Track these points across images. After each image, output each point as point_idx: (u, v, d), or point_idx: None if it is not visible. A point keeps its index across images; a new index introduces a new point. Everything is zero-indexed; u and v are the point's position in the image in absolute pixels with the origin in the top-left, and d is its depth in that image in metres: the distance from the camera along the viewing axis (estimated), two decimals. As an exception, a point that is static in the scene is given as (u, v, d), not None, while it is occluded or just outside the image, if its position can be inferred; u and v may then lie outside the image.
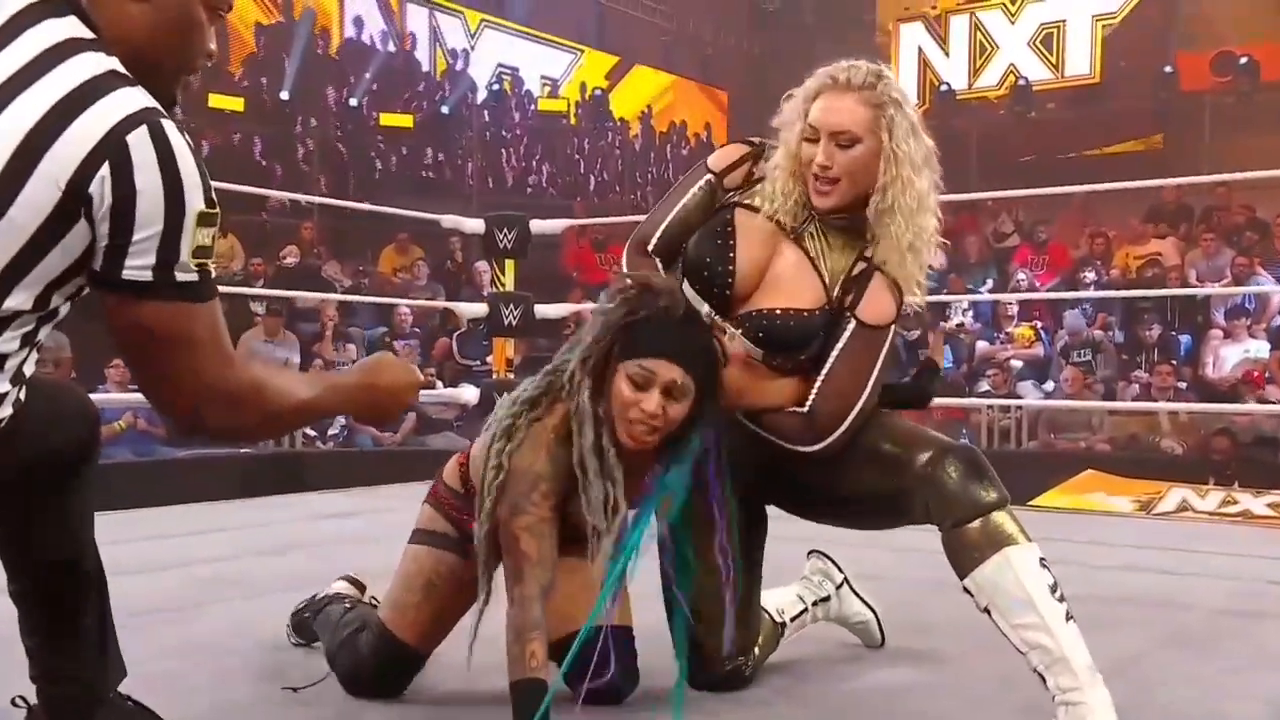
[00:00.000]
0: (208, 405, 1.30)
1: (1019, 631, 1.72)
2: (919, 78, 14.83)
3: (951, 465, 1.77)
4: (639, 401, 1.67)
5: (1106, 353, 8.28)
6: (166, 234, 1.23)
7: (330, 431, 7.41)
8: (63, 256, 1.23)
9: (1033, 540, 1.75)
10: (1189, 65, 12.53)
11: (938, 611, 2.47)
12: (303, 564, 3.17)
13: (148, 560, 3.13)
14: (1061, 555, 3.50)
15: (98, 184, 1.20)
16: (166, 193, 1.22)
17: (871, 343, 1.85)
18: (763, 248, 1.87)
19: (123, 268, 1.23)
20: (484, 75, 13.64)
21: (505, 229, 5.24)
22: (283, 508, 4.42)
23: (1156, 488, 5.65)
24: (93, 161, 1.20)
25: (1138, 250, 9.71)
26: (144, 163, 1.21)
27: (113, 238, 1.22)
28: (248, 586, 2.84)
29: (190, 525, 3.87)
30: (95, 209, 1.21)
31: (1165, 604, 2.83)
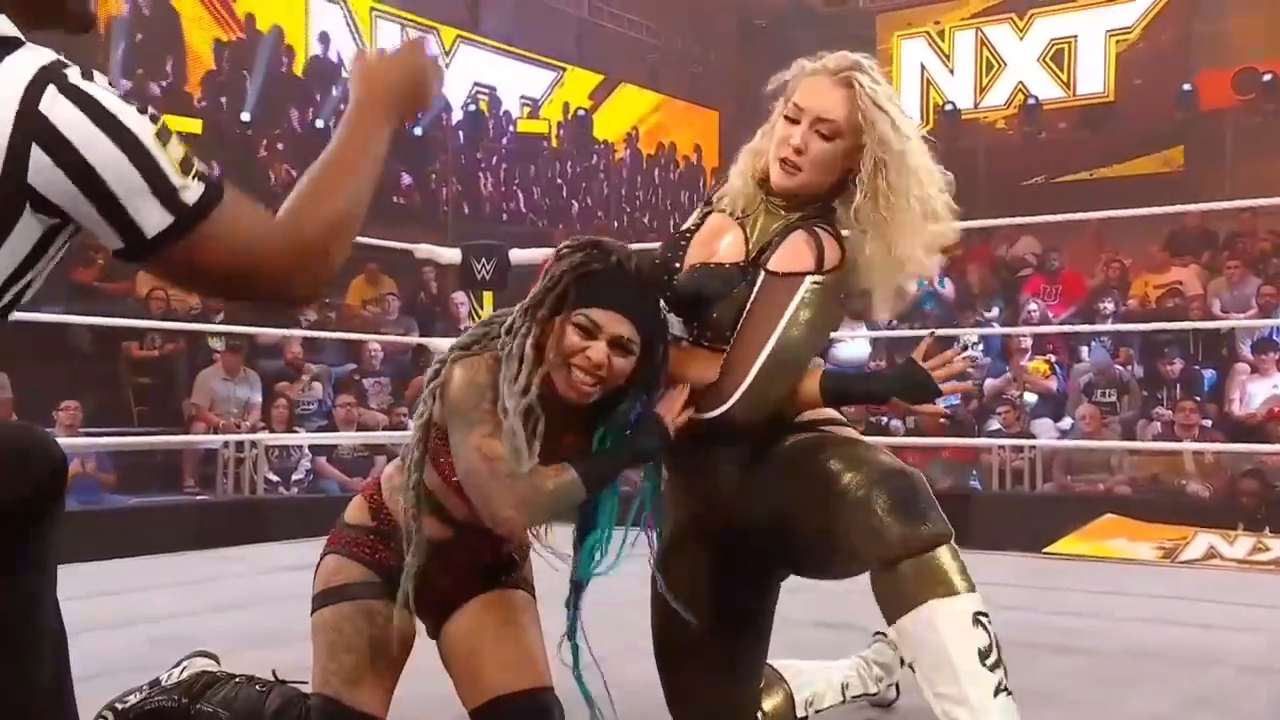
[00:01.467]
0: (296, 275, 1.31)
1: (939, 700, 1.60)
2: (922, 96, 14.97)
3: (881, 494, 1.64)
4: (586, 349, 1.70)
5: (1133, 393, 8.29)
6: (147, 175, 1.21)
7: (294, 478, 7.39)
8: (11, 255, 1.21)
9: (974, 588, 1.62)
10: (1209, 83, 12.68)
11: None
12: (263, 621, 3.14)
13: (94, 618, 3.10)
14: (1080, 606, 3.51)
15: (38, 171, 1.18)
16: (114, 139, 1.20)
17: (778, 292, 1.78)
18: (711, 236, 1.91)
19: (141, 230, 1.22)
20: (459, 95, 13.71)
21: (483, 259, 5.25)
22: (241, 560, 4.39)
23: (1181, 533, 5.65)
24: (18, 149, 1.17)
25: (1157, 279, 9.76)
26: (73, 125, 1.18)
27: (104, 211, 1.21)
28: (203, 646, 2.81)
29: (140, 579, 3.84)
30: (55, 197, 1.19)
31: (1193, 660, 2.82)
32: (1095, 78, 13.97)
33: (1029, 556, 4.89)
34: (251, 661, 2.27)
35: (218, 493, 6.60)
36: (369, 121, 1.45)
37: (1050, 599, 3.66)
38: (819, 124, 1.82)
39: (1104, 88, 13.91)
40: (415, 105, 1.51)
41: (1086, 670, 2.68)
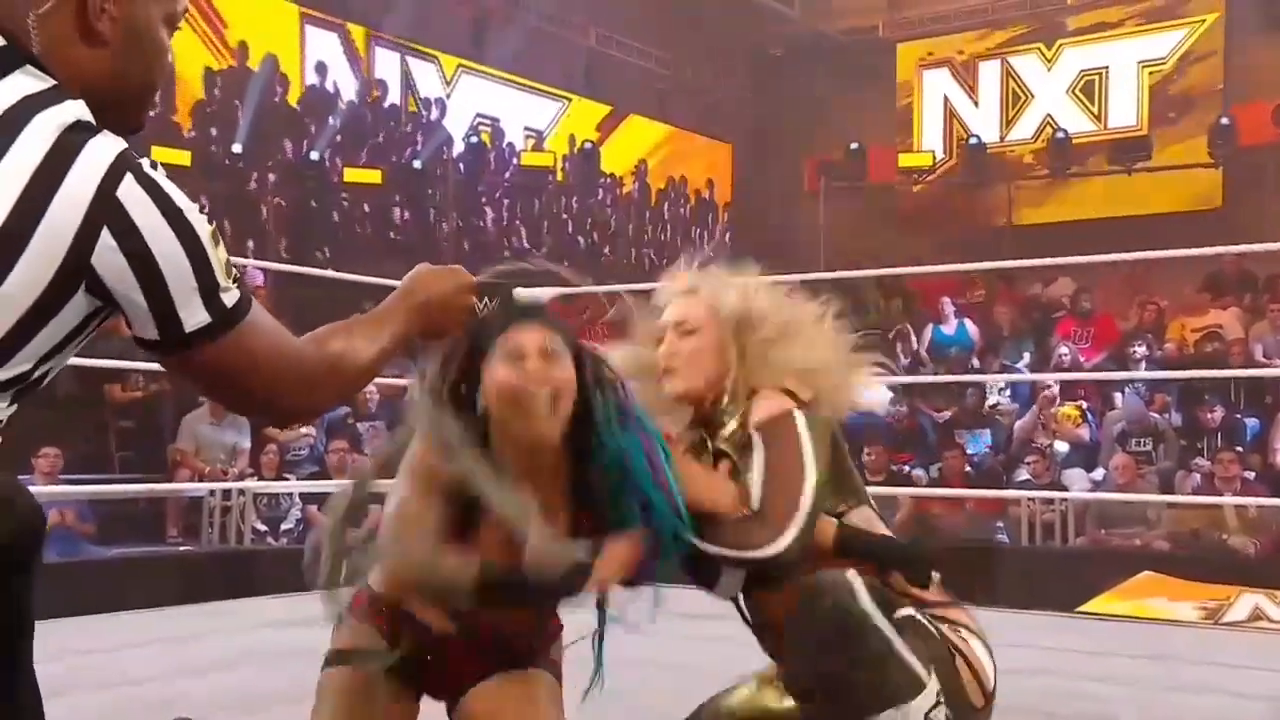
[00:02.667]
0: (298, 397, 1.46)
1: None
2: (945, 129, 15.03)
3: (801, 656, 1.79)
4: (521, 370, 1.71)
5: (1169, 442, 8.25)
6: (199, 274, 1.32)
7: (284, 527, 7.37)
8: (53, 333, 1.29)
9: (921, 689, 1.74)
10: (1248, 117, 12.72)
11: None
12: (251, 681, 3.12)
13: (75, 680, 3.08)
14: (1116, 672, 3.47)
15: (103, 254, 1.27)
16: (178, 234, 1.30)
17: (780, 430, 1.94)
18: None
19: (181, 326, 1.32)
20: (461, 126, 13.81)
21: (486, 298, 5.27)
22: (230, 614, 4.37)
23: (1225, 593, 5.59)
24: (89, 230, 1.26)
25: (1195, 322, 9.75)
26: (144, 214, 1.28)
27: (153, 303, 1.31)
28: (188, 709, 2.79)
29: (122, 637, 3.82)
30: (110, 282, 1.28)
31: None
32: (1128, 110, 14.04)
33: (1061, 616, 4.85)
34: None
35: (203, 543, 6.57)
36: (398, 318, 1.63)
37: (1086, 663, 3.62)
38: (677, 329, 2.05)
39: (1137, 120, 13.97)
40: (440, 327, 1.71)
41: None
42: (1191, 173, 13.13)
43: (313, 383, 1.46)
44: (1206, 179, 13.24)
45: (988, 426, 9.13)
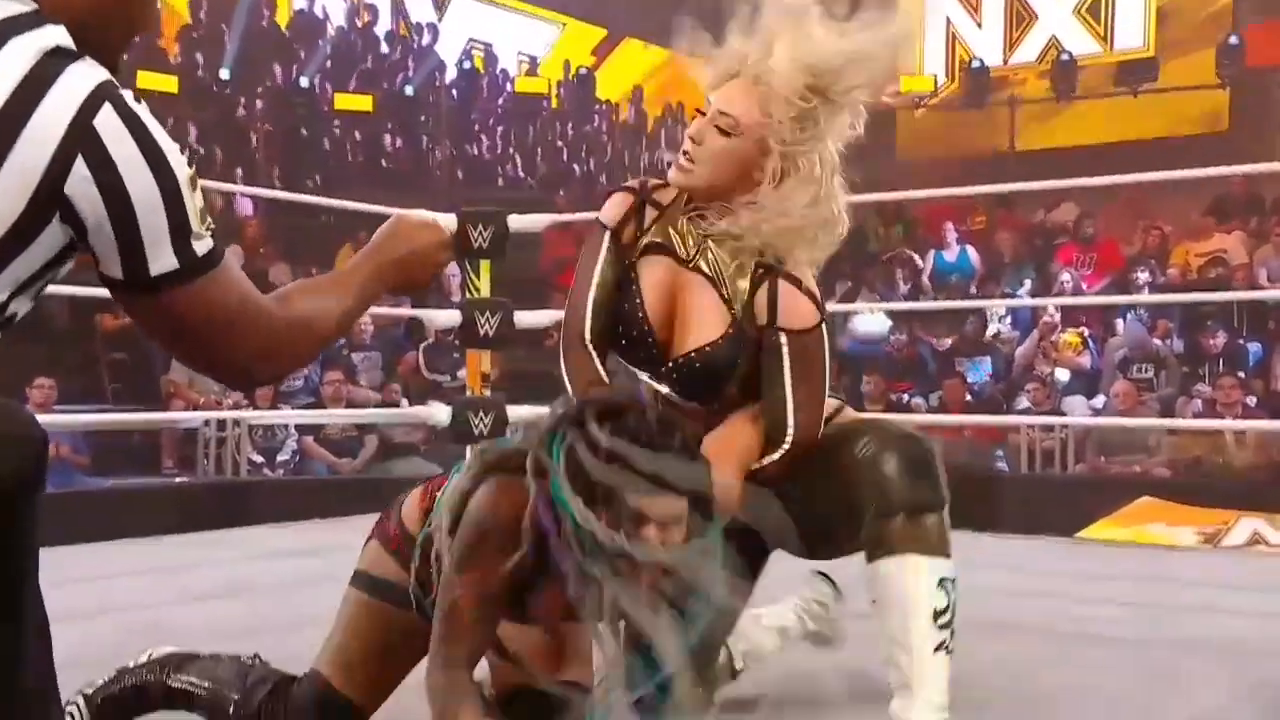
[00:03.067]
0: (259, 360, 1.42)
1: (885, 642, 1.84)
2: (947, 52, 14.87)
3: (892, 455, 1.86)
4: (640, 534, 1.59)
5: (1171, 369, 8.25)
6: (171, 216, 1.29)
7: (280, 458, 7.39)
8: (28, 262, 1.27)
9: (949, 556, 1.84)
10: (1258, 37, 12.58)
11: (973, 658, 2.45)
12: (246, 610, 3.15)
13: (72, 606, 3.09)
14: (1118, 595, 3.50)
15: (76, 183, 1.24)
16: (155, 172, 1.27)
17: (810, 346, 1.95)
18: (666, 291, 2.00)
19: (148, 266, 1.29)
20: (453, 52, 13.66)
21: (480, 226, 5.22)
22: (226, 545, 4.40)
23: (1224, 517, 5.63)
24: (64, 157, 1.23)
25: (1199, 247, 9.71)
26: (120, 147, 1.25)
27: (121, 239, 1.28)
28: (182, 637, 2.81)
29: (121, 565, 3.85)
30: (83, 213, 1.26)
31: (1241, 652, 2.81)
32: (1134, 32, 13.88)
33: (1063, 541, 4.89)
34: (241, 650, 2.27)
35: (198, 474, 6.61)
36: (373, 273, 1.58)
37: (1086, 587, 3.65)
38: (719, 117, 1.93)
39: (1143, 42, 13.82)
40: (413, 282, 1.66)
41: (1129, 663, 2.67)
42: (1198, 94, 13.01)
43: (276, 344, 1.43)
44: (1213, 101, 13.12)
45: (988, 354, 9.12)
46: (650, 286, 2.00)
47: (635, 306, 1.99)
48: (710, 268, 1.98)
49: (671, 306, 1.99)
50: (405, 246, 1.61)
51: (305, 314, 1.46)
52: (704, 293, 1.97)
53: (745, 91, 1.93)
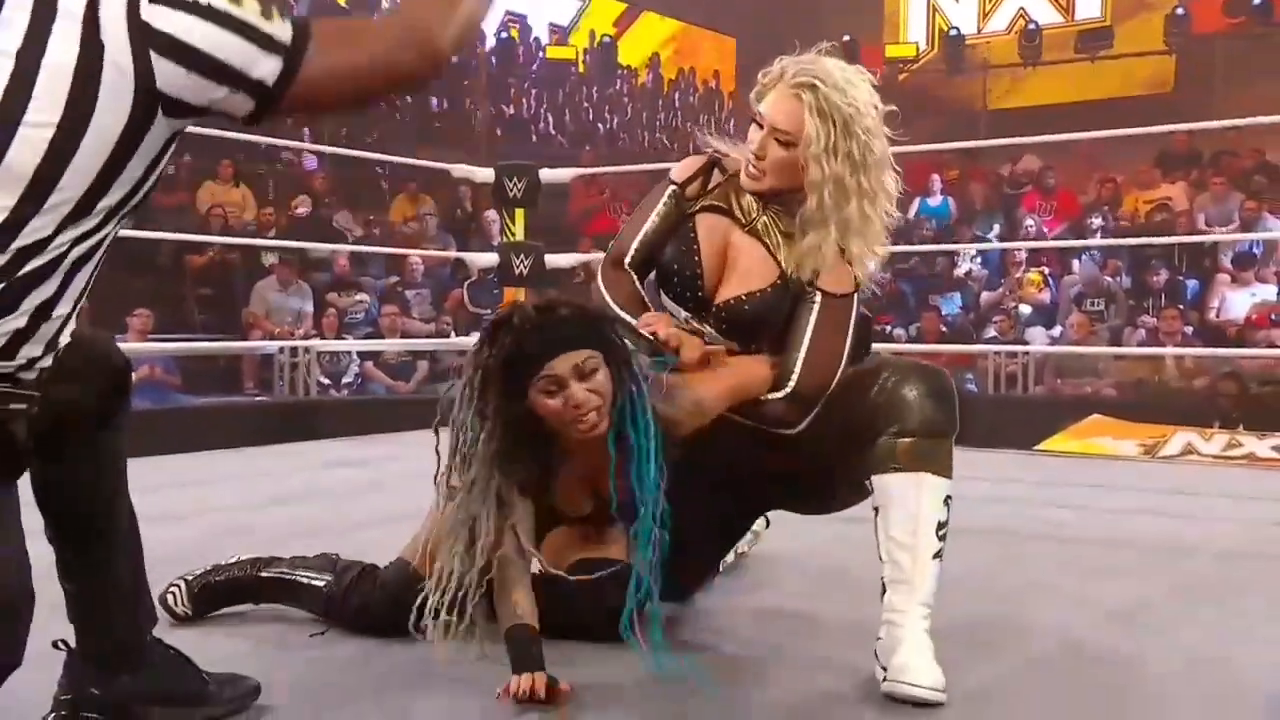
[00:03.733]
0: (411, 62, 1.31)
1: (888, 541, 1.78)
2: (928, 23, 14.61)
3: (915, 382, 1.82)
4: (567, 401, 1.71)
5: (1119, 302, 8.22)
6: (247, 36, 1.23)
7: (344, 381, 7.43)
8: (142, 160, 1.24)
9: (951, 477, 1.82)
10: (1201, 7, 12.32)
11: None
12: (316, 512, 3.18)
13: (167, 509, 3.14)
14: (1066, 499, 3.51)
15: (164, 76, 1.20)
16: (202, 15, 1.22)
17: (841, 310, 1.91)
18: (722, 244, 1.97)
19: (264, 84, 1.24)
20: (492, 23, 13.46)
21: (515, 178, 5.20)
22: (296, 455, 4.44)
23: (1161, 431, 5.62)
24: (141, 60, 1.20)
25: (1147, 195, 9.60)
26: (172, 21, 1.20)
27: (232, 84, 1.23)
28: (266, 534, 2.85)
29: (208, 473, 3.89)
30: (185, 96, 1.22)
31: (1171, 549, 2.82)
32: (1092, 3, 13.61)
33: (1022, 454, 4.90)
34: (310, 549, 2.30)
35: (274, 394, 6.64)
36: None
37: (1041, 493, 3.67)
38: (776, 133, 1.89)
39: (1100, 13, 13.54)
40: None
41: (1072, 559, 2.69)
42: (1147, 60, 12.77)
43: (412, 39, 1.30)
44: (1161, 65, 12.88)
45: (958, 290, 9.08)
46: (707, 237, 1.97)
47: (691, 251, 1.96)
48: (764, 230, 1.95)
49: (723, 258, 1.96)
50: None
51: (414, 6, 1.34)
52: (756, 249, 1.94)
53: (792, 104, 1.87)
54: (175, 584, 2.06)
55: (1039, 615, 2.17)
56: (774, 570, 2.47)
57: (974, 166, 10.98)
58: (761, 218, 1.96)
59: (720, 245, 1.96)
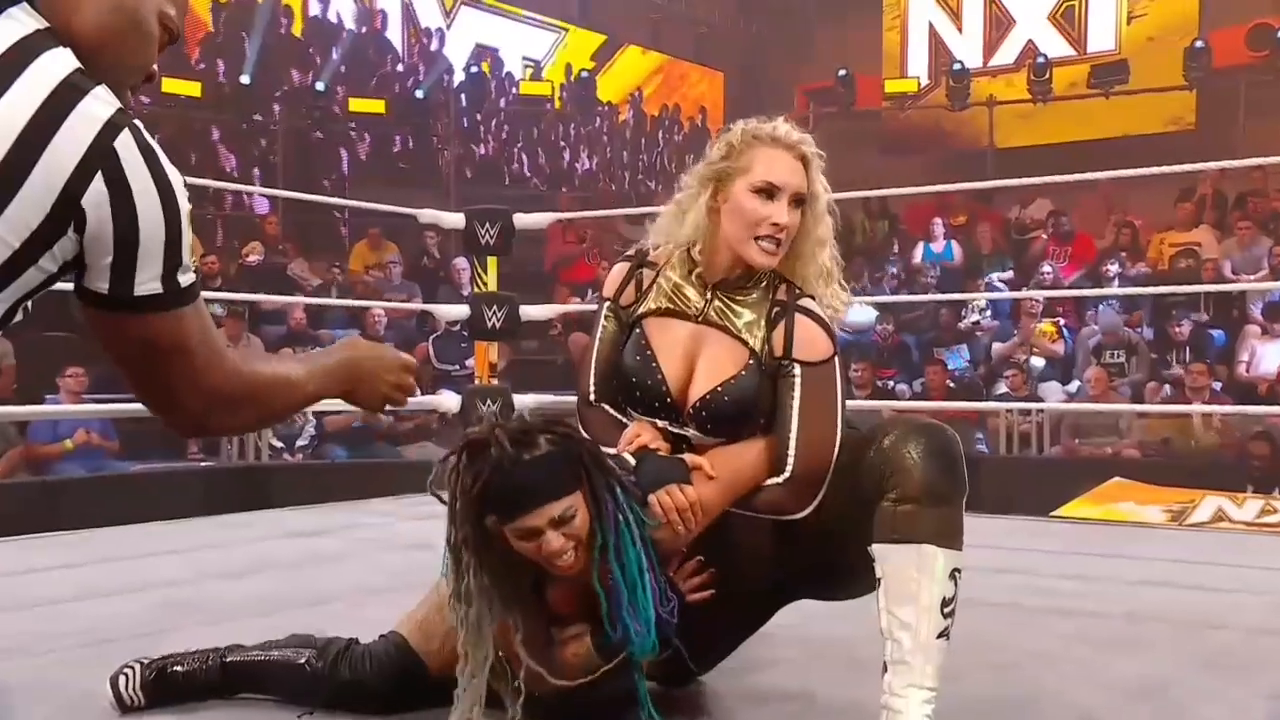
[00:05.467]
0: (216, 408, 1.39)
1: (888, 618, 1.80)
2: (930, 56, 14.86)
3: (917, 443, 1.82)
4: (543, 545, 1.76)
5: (1141, 355, 8.29)
6: (169, 244, 1.29)
7: (299, 443, 7.42)
8: (41, 270, 1.26)
9: (961, 549, 1.82)
10: (1222, 40, 12.56)
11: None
12: (271, 586, 3.18)
13: (103, 585, 3.14)
14: (1087, 570, 3.54)
15: (94, 197, 1.24)
16: (163, 201, 1.28)
17: (823, 379, 1.94)
18: (677, 342, 2.00)
19: (133, 286, 1.28)
20: (461, 56, 13.64)
21: (487, 224, 5.25)
22: (247, 526, 4.42)
23: (1189, 496, 5.67)
24: (86, 171, 1.24)
25: (1173, 238, 9.72)
26: (135, 172, 1.26)
27: (118, 257, 1.27)
28: (211, 612, 2.85)
29: (148, 546, 3.87)
30: (91, 226, 1.25)
31: (1200, 623, 2.85)
32: (1106, 35, 13.88)
33: (1036, 520, 4.91)
34: (259, 629, 2.31)
35: (222, 459, 6.63)
36: (326, 380, 1.52)
37: (1056, 563, 3.69)
38: (796, 199, 1.95)
39: (1114, 45, 13.82)
40: (372, 402, 1.60)
41: (1090, 633, 2.71)
42: (1166, 95, 13.01)
43: (234, 396, 1.39)
44: (1181, 101, 13.13)
45: (965, 342, 9.16)
46: (660, 341, 2.00)
47: (647, 359, 1.99)
48: (719, 315, 1.99)
49: (685, 357, 1.99)
50: (364, 356, 1.57)
51: (266, 377, 1.43)
52: (719, 339, 1.97)
53: (795, 165, 1.96)
54: (129, 666, 2.06)
55: (1054, 693, 2.19)
56: (770, 643, 2.48)
57: (981, 209, 11.13)
58: (713, 304, 2.00)
59: (677, 344, 1.99)
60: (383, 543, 2.36)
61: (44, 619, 2.68)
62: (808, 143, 1.99)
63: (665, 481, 1.87)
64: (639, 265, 2.08)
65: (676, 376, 1.98)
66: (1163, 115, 13.07)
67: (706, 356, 1.97)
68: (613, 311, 2.08)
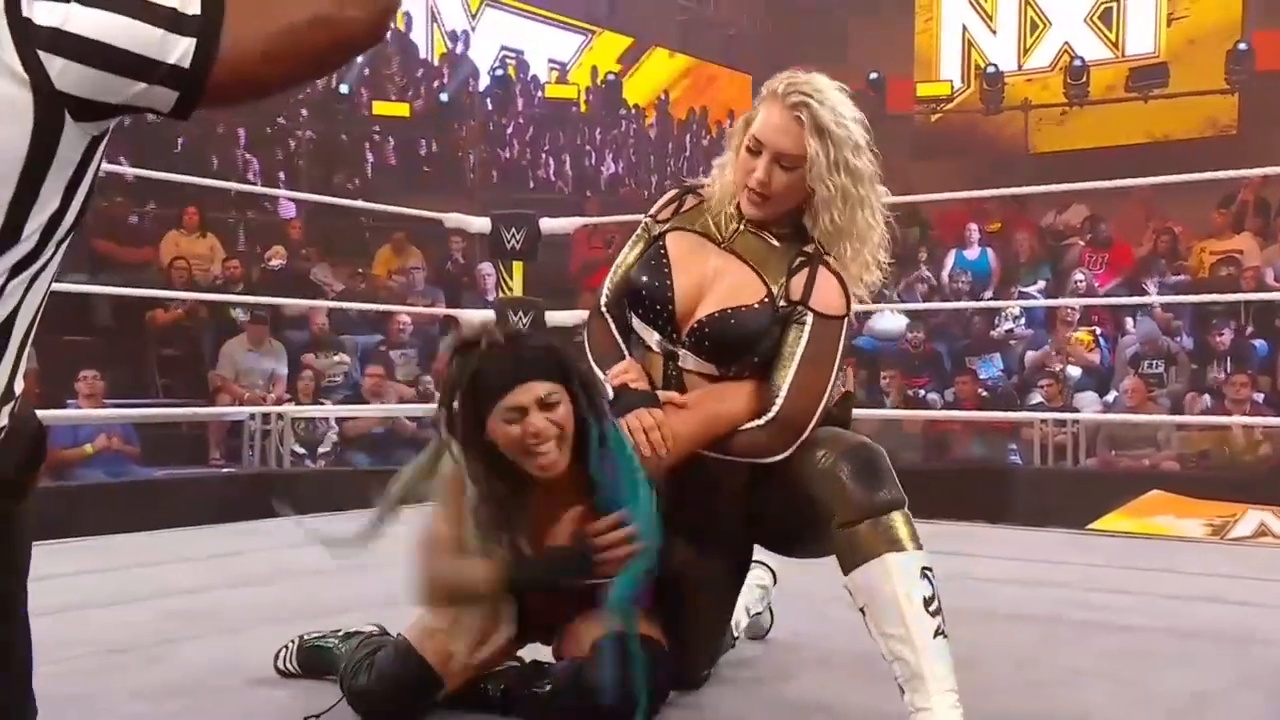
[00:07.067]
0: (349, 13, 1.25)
1: (886, 640, 1.83)
2: (963, 58, 14.80)
3: (846, 464, 1.88)
4: (525, 429, 1.82)
5: (1181, 365, 8.20)
6: (142, 13, 1.19)
7: (321, 450, 7.44)
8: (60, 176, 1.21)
9: (922, 548, 1.86)
10: (1266, 42, 12.47)
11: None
12: (287, 595, 3.17)
13: (122, 592, 3.15)
14: (1126, 584, 3.49)
15: (61, 74, 1.17)
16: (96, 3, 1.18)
17: (831, 334, 1.98)
18: (696, 261, 2.05)
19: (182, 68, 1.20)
20: (486, 59, 13.69)
21: (514, 228, 5.26)
22: (266, 534, 4.43)
23: (1231, 509, 5.59)
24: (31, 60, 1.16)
25: (1214, 245, 9.63)
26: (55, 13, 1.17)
27: (143, 74, 1.19)
28: (228, 620, 2.85)
29: (168, 553, 3.88)
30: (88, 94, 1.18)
31: (1242, 639, 2.80)
32: (1145, 37, 13.78)
33: (1073, 533, 4.86)
34: (281, 637, 2.30)
35: (244, 465, 6.66)
36: None
37: (1094, 576, 3.64)
38: (780, 158, 1.98)
39: (1154, 48, 13.72)
40: None
41: (1131, 648, 2.67)
42: (1207, 99, 12.90)
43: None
44: (1222, 105, 13.02)
45: (998, 351, 9.09)
46: (678, 255, 2.05)
47: (660, 266, 2.04)
48: (745, 249, 2.03)
49: (699, 276, 2.02)
50: None
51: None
52: (739, 268, 2.02)
53: (791, 125, 1.97)
54: (288, 643, 2.27)
55: (1092, 709, 2.16)
56: (791, 656, 2.47)
57: (1016, 215, 11.06)
58: (740, 236, 2.04)
59: (695, 263, 2.04)
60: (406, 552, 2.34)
61: (62, 625, 2.68)
62: (810, 103, 1.97)
63: (636, 408, 1.94)
64: (685, 191, 2.15)
65: (686, 292, 2.02)
66: (1203, 119, 12.96)
67: (724, 281, 2.01)
68: (646, 229, 2.15)
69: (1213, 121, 12.98)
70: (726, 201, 2.06)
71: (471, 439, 1.86)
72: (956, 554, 1.97)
